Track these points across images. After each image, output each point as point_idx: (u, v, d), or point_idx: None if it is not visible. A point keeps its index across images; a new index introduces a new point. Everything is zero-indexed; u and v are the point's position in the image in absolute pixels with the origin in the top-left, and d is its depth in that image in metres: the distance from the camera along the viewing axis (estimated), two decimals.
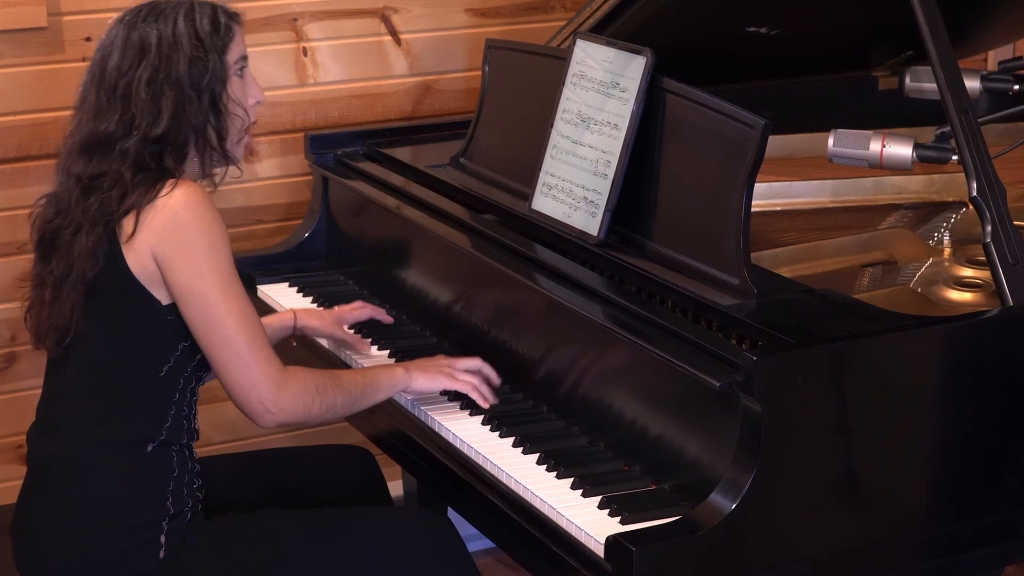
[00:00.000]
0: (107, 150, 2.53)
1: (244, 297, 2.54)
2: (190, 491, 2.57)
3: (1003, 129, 3.25)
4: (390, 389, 2.71)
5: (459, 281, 2.99)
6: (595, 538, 2.32)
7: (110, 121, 2.53)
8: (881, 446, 2.39)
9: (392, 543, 2.64)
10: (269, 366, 2.54)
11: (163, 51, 2.53)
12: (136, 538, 2.52)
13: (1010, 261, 2.52)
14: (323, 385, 2.60)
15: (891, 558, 2.43)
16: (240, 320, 2.51)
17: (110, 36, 2.57)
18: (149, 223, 2.49)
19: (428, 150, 3.44)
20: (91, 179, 2.53)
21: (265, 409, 2.54)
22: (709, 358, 2.40)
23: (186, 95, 2.53)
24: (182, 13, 2.55)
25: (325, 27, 3.66)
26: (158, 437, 2.54)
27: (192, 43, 2.54)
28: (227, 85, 2.57)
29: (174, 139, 2.53)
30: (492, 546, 3.66)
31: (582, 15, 3.28)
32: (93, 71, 2.57)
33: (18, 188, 3.45)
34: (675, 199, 2.70)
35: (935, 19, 2.61)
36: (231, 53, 2.58)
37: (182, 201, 2.49)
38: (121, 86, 2.53)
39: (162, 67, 2.52)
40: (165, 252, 2.49)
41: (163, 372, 2.55)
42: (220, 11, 2.60)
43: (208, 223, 2.50)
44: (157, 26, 2.54)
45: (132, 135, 2.52)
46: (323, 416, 2.61)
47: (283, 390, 2.54)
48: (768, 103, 2.93)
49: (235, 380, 2.53)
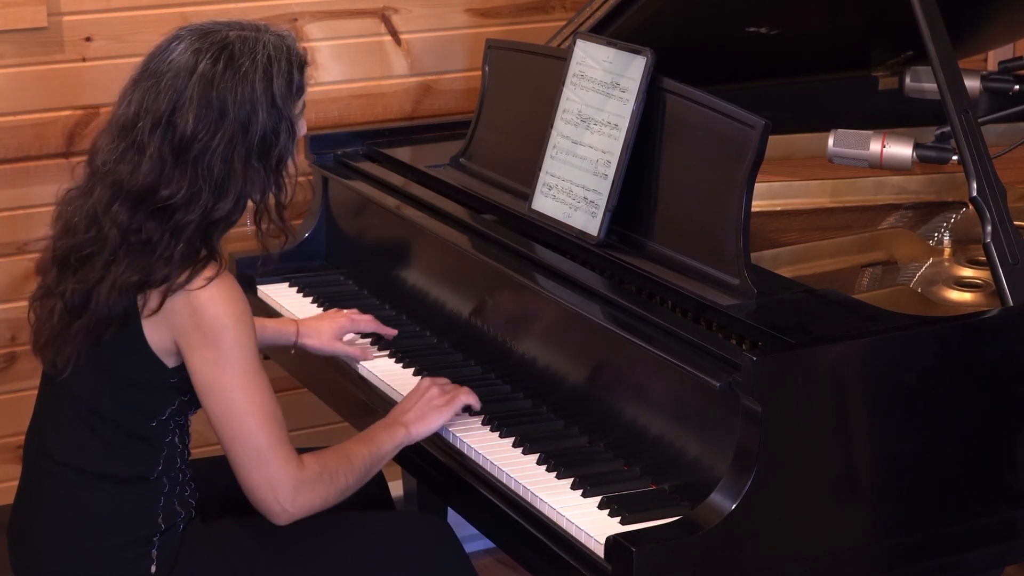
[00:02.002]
0: (162, 217, 2.40)
1: (268, 392, 2.45)
2: (182, 502, 2.55)
3: (1003, 129, 3.24)
4: (394, 452, 2.63)
5: (459, 281, 2.99)
6: (595, 538, 2.32)
7: (175, 188, 2.39)
8: (881, 446, 2.39)
9: (390, 547, 2.63)
10: (289, 465, 2.45)
11: (240, 119, 2.39)
12: (128, 553, 2.50)
13: (1010, 261, 2.52)
14: (336, 471, 2.52)
15: (891, 558, 2.43)
16: (262, 418, 2.43)
17: (183, 76, 2.39)
18: (178, 311, 2.41)
19: (428, 150, 3.44)
20: (135, 233, 2.41)
21: (283, 509, 2.46)
22: (709, 358, 2.40)
23: (253, 167, 2.42)
24: (260, 72, 2.40)
25: (325, 27, 3.66)
26: (150, 476, 2.51)
27: (268, 112, 2.40)
28: (293, 150, 2.48)
29: (230, 217, 2.45)
30: (492, 546, 3.66)
31: (582, 15, 3.28)
32: (158, 113, 2.39)
33: (18, 188, 3.45)
34: (675, 199, 2.70)
35: (935, 19, 2.61)
36: (297, 107, 2.47)
37: (214, 296, 2.40)
38: (194, 151, 2.39)
39: (238, 138, 2.39)
40: (188, 342, 2.42)
41: (154, 423, 2.50)
42: (295, 64, 2.46)
43: (236, 319, 2.41)
44: (235, 85, 2.38)
45: (194, 210, 2.40)
46: (337, 500, 2.53)
47: (301, 490, 2.46)
48: (768, 103, 2.93)
49: (252, 479, 2.45)
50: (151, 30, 3.46)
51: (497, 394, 2.78)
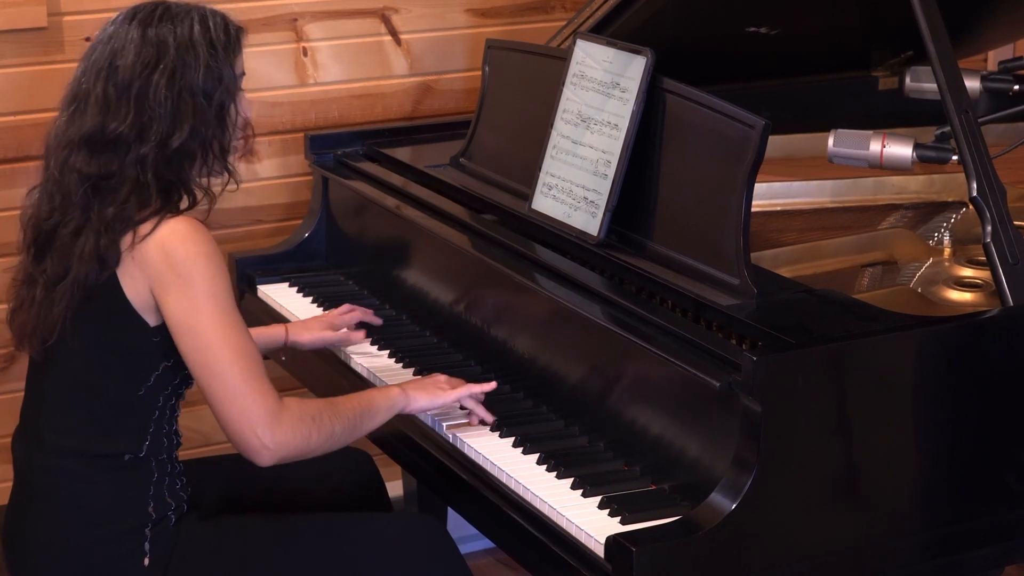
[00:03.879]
0: (116, 151, 2.47)
1: (242, 330, 2.48)
2: (172, 493, 2.56)
3: (1003, 129, 3.25)
4: (388, 411, 2.64)
5: (459, 281, 2.99)
6: (595, 538, 2.32)
7: (120, 121, 2.46)
8: (881, 446, 2.39)
9: (385, 547, 2.63)
10: (264, 399, 2.46)
11: (180, 55, 2.47)
12: (121, 545, 2.51)
13: (1010, 261, 2.52)
14: (319, 413, 2.53)
15: (891, 558, 2.43)
16: (235, 352, 2.45)
17: (121, 33, 2.49)
18: (151, 255, 2.44)
19: (428, 150, 3.44)
20: (99, 179, 2.47)
21: (262, 445, 2.46)
22: (709, 358, 2.40)
23: (199, 103, 2.49)
24: (196, 18, 2.50)
25: (325, 27, 3.66)
26: (138, 453, 2.52)
27: (207, 51, 2.49)
28: (235, 97, 2.54)
29: (189, 150, 2.49)
30: (492, 546, 3.66)
31: (582, 15, 3.28)
32: (100, 64, 2.49)
33: (18, 188, 3.44)
34: (675, 199, 2.70)
35: (935, 19, 2.61)
36: (238, 65, 2.55)
37: (180, 235, 2.44)
38: (136, 86, 2.46)
39: (179, 72, 2.46)
40: (163, 285, 2.45)
41: (142, 391, 2.51)
42: (230, 22, 2.56)
43: (207, 257, 2.45)
44: (173, 28, 2.49)
45: (147, 141, 2.46)
46: (322, 447, 2.54)
47: (279, 423, 2.47)
48: (768, 103, 2.93)
49: (229, 413, 2.46)
50: None
51: (497, 394, 2.77)
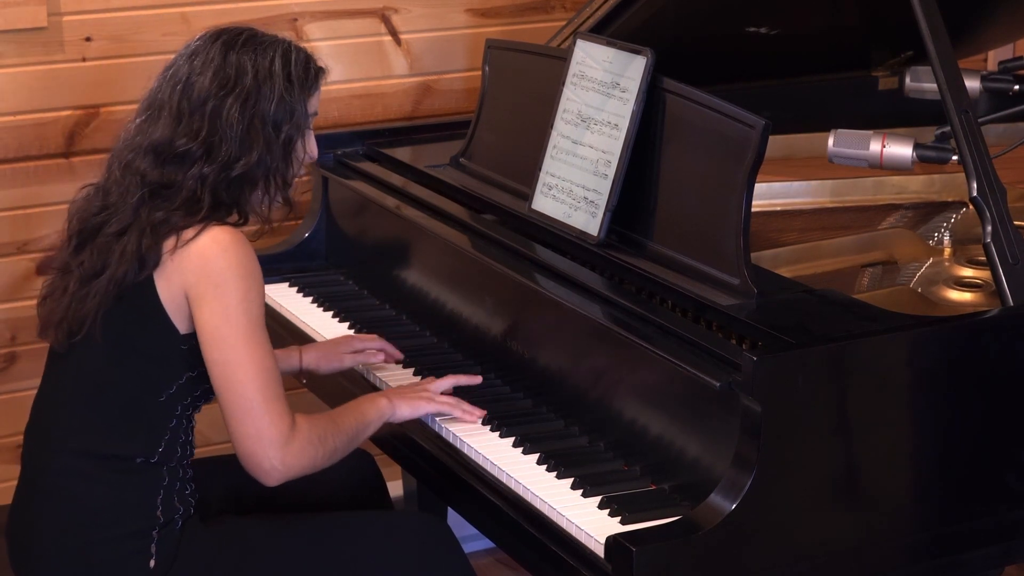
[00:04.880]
0: (181, 164, 2.51)
1: (268, 350, 2.50)
2: (181, 498, 2.56)
3: (1003, 129, 3.25)
4: (378, 421, 2.67)
5: (459, 281, 2.99)
6: (595, 538, 2.32)
7: (191, 138, 2.50)
8: (881, 446, 2.39)
9: (388, 546, 2.63)
10: (281, 421, 2.49)
11: (257, 83, 2.52)
12: (126, 547, 2.51)
13: (1010, 261, 2.52)
14: (325, 433, 2.56)
15: (891, 558, 2.43)
16: (259, 369, 2.47)
17: (203, 51, 2.54)
18: (191, 260, 2.47)
19: (428, 150, 3.44)
20: (160, 186, 2.50)
21: (272, 466, 2.49)
22: (709, 358, 2.40)
23: (268, 133, 2.53)
24: (280, 51, 2.56)
25: (325, 27, 3.66)
26: (151, 458, 2.53)
27: (284, 83, 2.53)
28: (304, 134, 2.59)
29: (252, 176, 2.54)
30: (492, 546, 3.66)
31: (582, 15, 3.28)
32: (178, 78, 2.54)
33: (18, 188, 3.45)
34: (675, 199, 2.70)
35: (935, 19, 2.61)
36: (312, 104, 2.59)
37: (222, 245, 2.47)
38: (210, 106, 2.50)
39: (252, 99, 2.51)
40: (198, 291, 2.47)
41: (163, 397, 2.52)
42: (312, 60, 2.61)
43: (245, 270, 2.48)
44: (255, 56, 2.53)
45: (213, 161, 2.50)
46: (324, 464, 2.57)
47: (290, 447, 2.49)
48: (768, 103, 2.93)
49: (243, 429, 2.48)
50: (151, 30, 3.46)
51: (497, 394, 2.78)
